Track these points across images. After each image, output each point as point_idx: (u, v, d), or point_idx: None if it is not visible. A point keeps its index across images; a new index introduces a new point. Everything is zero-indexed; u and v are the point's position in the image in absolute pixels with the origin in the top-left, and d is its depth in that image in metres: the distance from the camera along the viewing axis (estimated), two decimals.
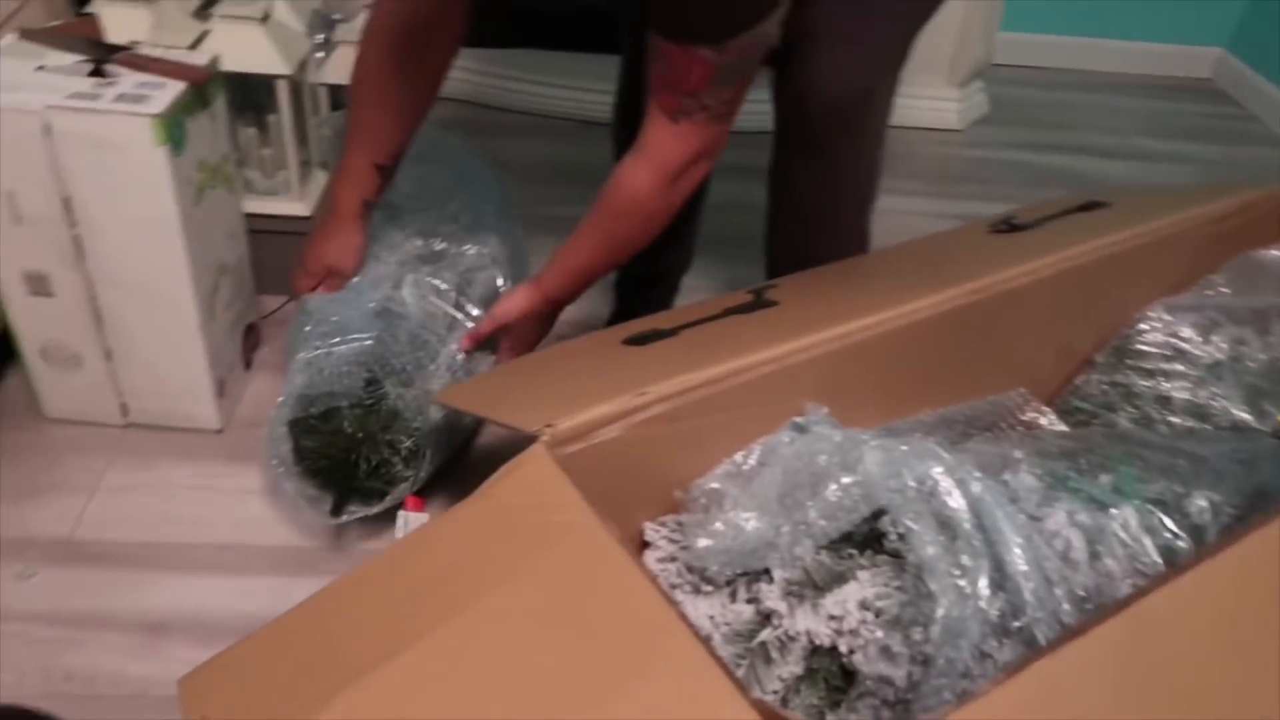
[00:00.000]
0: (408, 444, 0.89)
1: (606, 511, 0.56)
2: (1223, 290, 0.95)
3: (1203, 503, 0.70)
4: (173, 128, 0.87)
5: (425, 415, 0.90)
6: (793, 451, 0.68)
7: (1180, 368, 0.92)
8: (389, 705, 0.48)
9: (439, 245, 1.08)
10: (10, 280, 0.94)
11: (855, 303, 0.80)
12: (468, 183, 1.18)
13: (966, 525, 0.60)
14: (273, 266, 1.14)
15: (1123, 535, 0.66)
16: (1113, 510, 0.67)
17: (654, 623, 0.50)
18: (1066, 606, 0.58)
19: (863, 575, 0.56)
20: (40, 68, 0.90)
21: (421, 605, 0.53)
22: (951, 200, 1.71)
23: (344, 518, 0.89)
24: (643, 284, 1.23)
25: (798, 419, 0.73)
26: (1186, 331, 0.94)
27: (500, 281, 1.08)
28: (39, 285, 0.94)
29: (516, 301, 0.96)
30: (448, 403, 0.74)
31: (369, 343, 0.92)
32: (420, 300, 1.00)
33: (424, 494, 0.95)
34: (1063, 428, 0.88)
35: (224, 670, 0.52)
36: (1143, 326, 0.93)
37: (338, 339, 0.93)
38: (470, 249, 1.09)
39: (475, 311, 1.03)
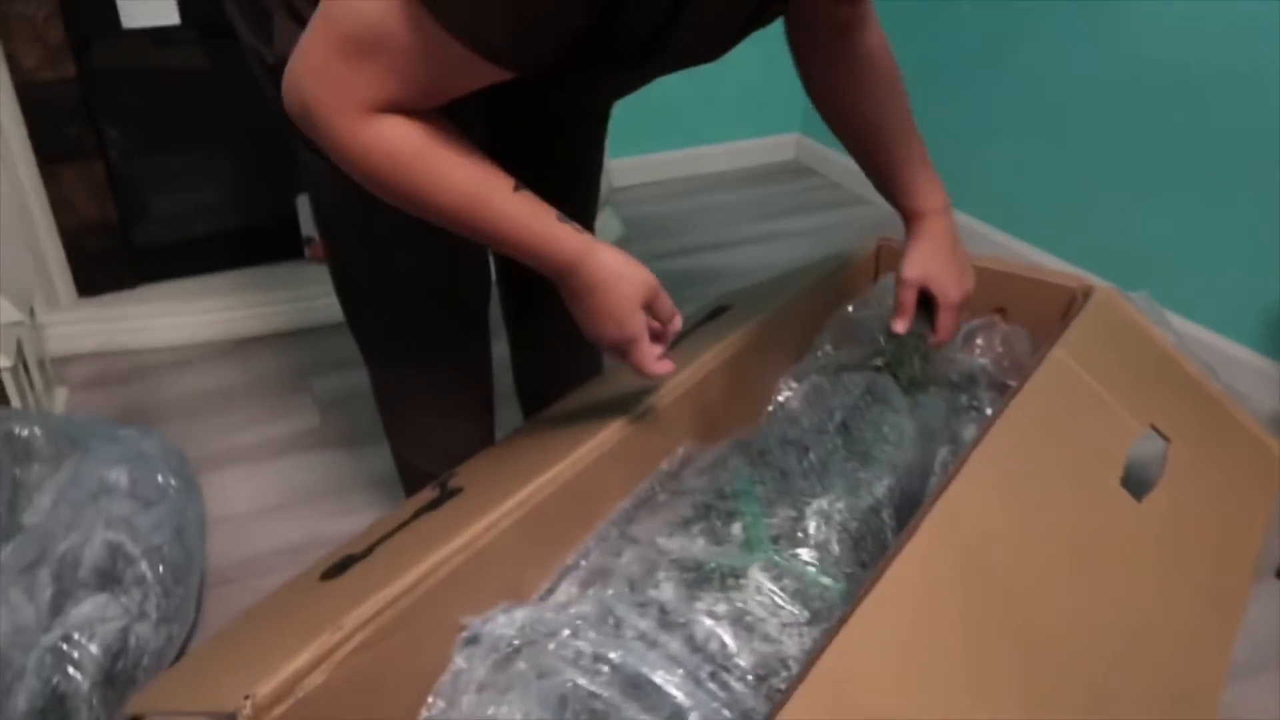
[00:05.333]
0: None
1: None
2: (828, 349, 1.10)
3: (814, 521, 0.80)
4: None
5: None
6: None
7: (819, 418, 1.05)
8: None
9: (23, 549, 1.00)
10: None
11: (533, 463, 0.84)
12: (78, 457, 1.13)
13: (618, 700, 0.62)
14: None
15: (762, 600, 0.72)
16: (745, 578, 0.73)
17: None
18: (742, 690, 0.63)
19: None
20: None
21: None
22: None
23: None
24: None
25: (464, 633, 0.71)
26: (818, 386, 1.07)
27: (118, 539, 1.02)
28: None
29: (915, 252, 0.97)
30: (142, 710, 0.68)
31: None
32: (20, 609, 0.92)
33: None
34: None
35: None
36: (779, 399, 1.06)
37: None
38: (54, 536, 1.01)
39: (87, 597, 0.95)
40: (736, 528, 0.80)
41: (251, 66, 0.82)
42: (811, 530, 0.79)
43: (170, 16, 1.64)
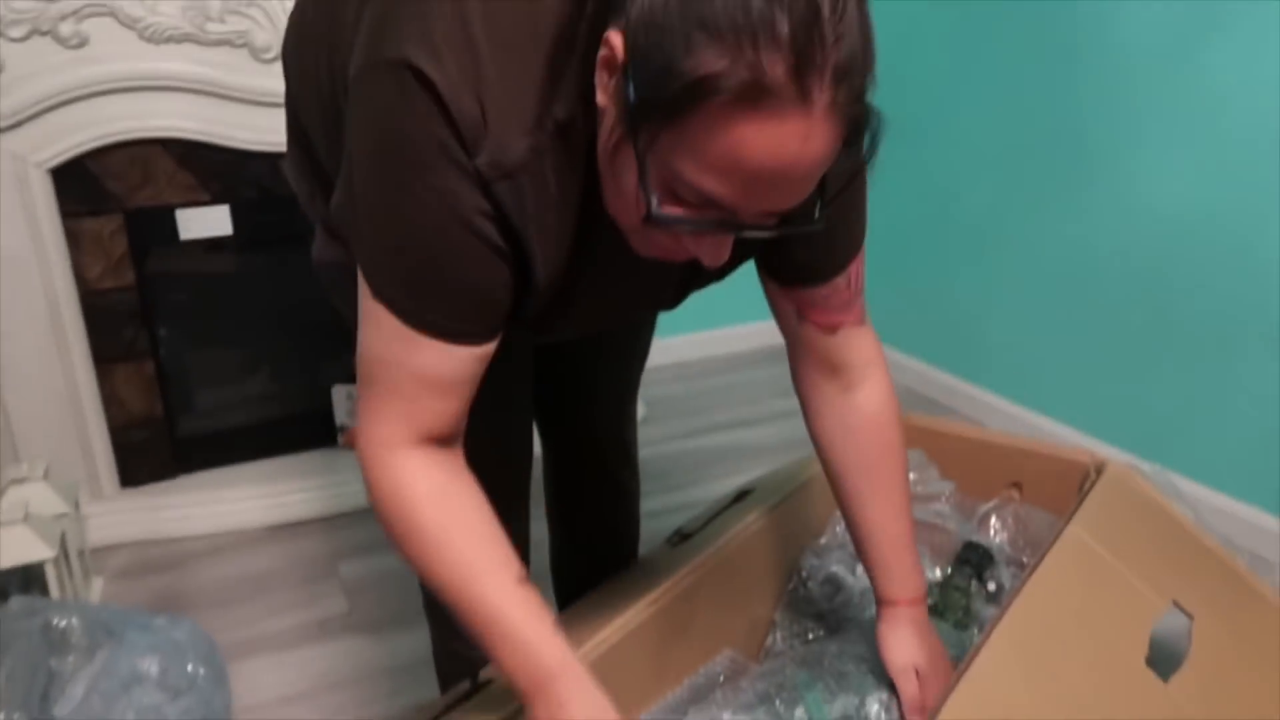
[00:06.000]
0: None
1: None
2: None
3: (875, 705, 0.84)
4: None
5: None
6: None
7: (842, 598, 1.06)
8: None
9: None
10: None
11: None
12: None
13: None
14: None
15: None
16: None
17: None
18: None
19: None
20: None
21: None
22: None
23: None
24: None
25: None
26: (836, 568, 1.09)
27: None
28: None
29: (900, 640, 0.86)
30: None
31: None
32: None
33: None
34: None
35: None
36: (803, 575, 1.08)
37: None
38: None
39: None
40: (799, 711, 0.83)
41: None
42: (872, 716, 0.82)
43: (224, 228, 1.79)
